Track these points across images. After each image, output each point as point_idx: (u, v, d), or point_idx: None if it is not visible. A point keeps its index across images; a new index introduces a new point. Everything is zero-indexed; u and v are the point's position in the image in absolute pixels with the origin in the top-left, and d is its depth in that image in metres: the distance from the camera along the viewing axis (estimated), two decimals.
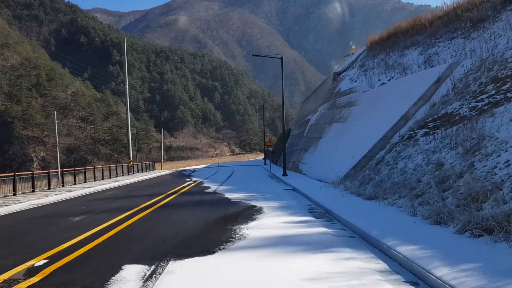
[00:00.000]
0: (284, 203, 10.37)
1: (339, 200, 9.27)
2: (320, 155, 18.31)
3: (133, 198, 13.36)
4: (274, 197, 11.94)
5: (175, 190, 15.68)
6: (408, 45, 19.21)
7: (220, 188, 15.95)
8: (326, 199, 9.64)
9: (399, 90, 13.77)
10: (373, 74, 19.11)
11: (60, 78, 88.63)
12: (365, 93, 16.61)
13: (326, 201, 9.20)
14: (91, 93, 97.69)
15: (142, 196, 13.64)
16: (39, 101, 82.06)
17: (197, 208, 10.06)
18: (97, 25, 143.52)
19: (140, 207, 10.23)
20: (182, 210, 9.86)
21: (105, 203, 12.07)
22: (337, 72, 24.11)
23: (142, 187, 18.35)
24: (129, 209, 9.92)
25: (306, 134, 23.59)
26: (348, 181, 11.87)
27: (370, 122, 14.06)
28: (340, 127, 17.17)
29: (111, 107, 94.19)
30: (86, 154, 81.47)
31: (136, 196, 14.17)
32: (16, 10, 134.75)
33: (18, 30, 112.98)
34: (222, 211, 9.23)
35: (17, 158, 76.49)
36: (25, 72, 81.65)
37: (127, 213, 9.16)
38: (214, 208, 9.95)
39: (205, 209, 9.76)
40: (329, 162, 15.72)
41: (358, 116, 15.65)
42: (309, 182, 15.61)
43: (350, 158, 13.26)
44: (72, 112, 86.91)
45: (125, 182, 21.74)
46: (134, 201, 12.02)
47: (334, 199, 9.46)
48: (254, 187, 15.98)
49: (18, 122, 75.11)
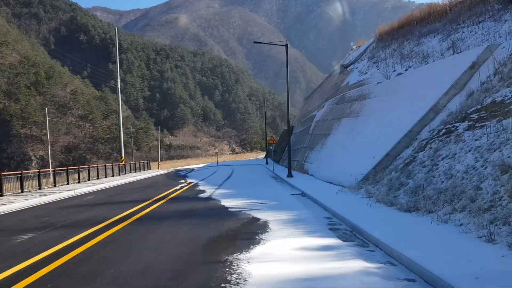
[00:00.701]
0: (295, 214, 8.30)
1: (367, 213, 7.33)
2: (329, 154, 16.38)
3: (111, 205, 11.31)
4: (281, 205, 9.90)
5: (164, 194, 13.58)
6: (425, 33, 17.51)
7: (216, 193, 13.81)
8: (349, 210, 7.71)
9: (423, 79, 11.87)
10: (386, 65, 17.35)
11: (59, 76, 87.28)
12: (380, 85, 14.75)
13: (350, 214, 7.23)
14: (90, 91, 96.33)
15: (123, 203, 11.60)
16: (37, 99, 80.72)
17: (183, 222, 7.96)
18: (96, 23, 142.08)
19: (114, 220, 8.28)
20: (164, 225, 7.72)
21: (75, 212, 10.04)
22: (344, 64, 22.31)
23: (128, 191, 16.24)
24: (99, 222, 8.03)
25: (311, 131, 21.60)
26: (369, 184, 10.01)
27: (390, 116, 12.20)
28: (352, 122, 15.31)
29: (110, 105, 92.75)
30: (85, 153, 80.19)
31: (116, 202, 12.12)
32: (15, 8, 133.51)
33: (18, 28, 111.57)
34: (216, 228, 7.16)
35: (16, 157, 75.20)
36: (24, 70, 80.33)
37: (93, 229, 7.19)
38: (206, 222, 7.89)
39: (193, 224, 7.71)
40: (341, 162, 13.92)
41: (373, 109, 13.85)
42: (319, 185, 13.67)
43: (367, 157, 11.45)
44: (71, 111, 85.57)
45: (113, 184, 19.75)
46: (111, 209, 10.04)
47: (359, 211, 7.59)
48: (256, 191, 13.84)
49: (17, 121, 73.86)
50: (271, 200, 10.72)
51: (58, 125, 76.86)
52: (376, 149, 11.33)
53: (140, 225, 7.70)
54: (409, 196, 7.31)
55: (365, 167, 11.12)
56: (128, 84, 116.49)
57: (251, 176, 22.19)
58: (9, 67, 79.60)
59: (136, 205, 10.56)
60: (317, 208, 9.25)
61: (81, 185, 18.17)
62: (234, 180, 19.63)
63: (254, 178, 20.57)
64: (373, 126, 13.11)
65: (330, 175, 14.21)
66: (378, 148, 11.27)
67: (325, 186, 13.12)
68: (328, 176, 14.46)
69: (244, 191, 14.00)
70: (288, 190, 13.61)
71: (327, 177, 14.55)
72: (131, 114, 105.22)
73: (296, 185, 14.07)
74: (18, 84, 76.88)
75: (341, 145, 14.97)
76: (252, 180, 19.25)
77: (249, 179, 19.97)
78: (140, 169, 34.05)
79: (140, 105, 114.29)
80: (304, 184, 14.21)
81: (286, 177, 17.74)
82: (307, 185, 13.53)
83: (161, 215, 9.08)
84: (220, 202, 10.92)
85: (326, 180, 14.47)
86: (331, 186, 12.79)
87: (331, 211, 8.24)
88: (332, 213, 8.15)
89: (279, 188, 14.64)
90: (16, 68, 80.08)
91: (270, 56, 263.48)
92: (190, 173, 29.93)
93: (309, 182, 14.75)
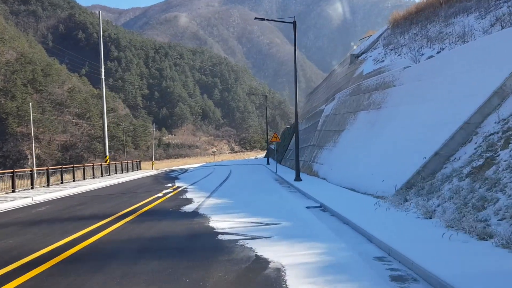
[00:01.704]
0: (324, 251, 5.29)
1: (453, 253, 4.53)
2: (344, 153, 14.10)
3: (57, 224, 8.36)
4: (296, 228, 6.85)
5: (139, 206, 10.65)
6: (453, 14, 16.19)
7: (206, 204, 10.59)
8: (416, 246, 4.91)
9: (474, 59, 9.50)
10: (409, 50, 16.18)
11: (56, 73, 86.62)
12: (407, 70, 12.56)
13: (427, 259, 4.31)
14: (88, 89, 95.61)
15: (75, 220, 8.73)
16: (34, 97, 79.95)
17: (136, 271, 4.72)
18: (95, 21, 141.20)
19: (28, 260, 5.40)
20: (99, 278, 4.51)
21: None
22: (355, 54, 21.09)
23: (97, 199, 13.32)
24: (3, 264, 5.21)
25: (320, 127, 19.43)
26: (416, 195, 7.62)
27: (428, 105, 9.97)
28: (372, 115, 13.03)
29: (108, 103, 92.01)
30: (82, 152, 79.56)
31: (67, 219, 9.03)
32: (13, 5, 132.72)
33: (15, 26, 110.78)
34: (190, 285, 4.14)
35: (12, 156, 74.53)
36: (21, 68, 79.61)
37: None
38: (177, 269, 4.71)
39: (153, 275, 4.51)
40: (363, 163, 11.68)
41: (401, 99, 11.69)
42: (339, 192, 11.03)
43: (401, 158, 9.42)
44: (68, 109, 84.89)
45: (87, 188, 17.15)
46: (49, 234, 7.21)
47: (436, 249, 4.73)
48: (258, 200, 10.98)
49: (13, 119, 73.17)
50: (281, 219, 7.76)
51: (55, 123, 76.21)
52: (414, 147, 9.13)
53: (61, 277, 4.58)
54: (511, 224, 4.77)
55: (403, 171, 8.80)
56: (127, 82, 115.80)
57: (251, 179, 19.27)
58: (6, 64, 78.86)
59: (90, 225, 7.86)
60: (353, 235, 6.27)
61: (48, 190, 15.78)
62: (230, 184, 16.66)
63: (255, 182, 17.62)
64: (403, 119, 10.88)
65: (350, 180, 11.84)
66: (417, 145, 9.02)
67: (347, 195, 10.44)
68: (347, 181, 12.07)
69: (243, 200, 11.08)
70: (300, 200, 10.77)
71: (346, 181, 12.17)
72: (130, 112, 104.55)
73: (309, 192, 11.30)
74: (14, 81, 76.20)
75: (361, 142, 12.88)
76: (253, 185, 16.28)
77: (249, 183, 17.01)
78: (128, 170, 30.99)
79: (138, 104, 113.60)
80: (319, 190, 11.54)
81: (293, 180, 15.13)
82: (323, 193, 10.85)
83: (111, 249, 5.96)
84: (208, 222, 7.82)
85: (345, 185, 12.05)
86: (356, 195, 10.23)
87: (385, 246, 5.17)
88: (386, 250, 5.14)
89: (287, 197, 11.67)
90: (13, 65, 79.35)
91: (270, 55, 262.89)
92: (182, 174, 26.94)
93: (324, 188, 12.17)
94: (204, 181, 19.28)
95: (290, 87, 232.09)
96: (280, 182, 16.76)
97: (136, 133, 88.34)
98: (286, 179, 16.80)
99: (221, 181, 18.21)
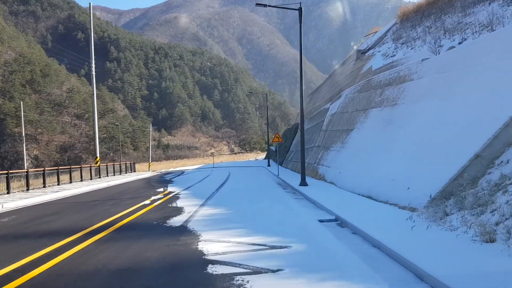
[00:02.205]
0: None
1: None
2: (355, 155, 12.88)
3: (2, 245, 6.65)
4: (311, 254, 5.35)
5: (118, 217, 9.05)
6: (473, 3, 15.42)
7: (198, 215, 8.97)
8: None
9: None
10: (423, 43, 15.33)
11: (55, 74, 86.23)
12: (426, 62, 11.37)
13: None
14: (87, 89, 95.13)
15: (33, 239, 7.03)
16: (32, 97, 79.52)
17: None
18: (94, 22, 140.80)
19: None
20: None
21: None
22: (361, 50, 20.24)
23: (75, 206, 11.79)
24: None
25: (325, 127, 18.28)
26: (459, 208, 6.29)
27: (459, 100, 8.71)
28: (386, 113, 11.82)
29: (107, 104, 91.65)
30: (81, 153, 78.99)
31: (23, 236, 7.39)
32: (12, 6, 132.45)
33: (15, 26, 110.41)
34: None
35: (9, 157, 73.93)
36: (19, 68, 79.21)
37: None
38: None
39: None
40: (381, 167, 10.25)
41: (421, 93, 10.50)
42: (354, 201, 9.49)
43: (429, 160, 8.15)
44: (67, 109, 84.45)
45: (70, 193, 15.64)
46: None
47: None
48: (260, 211, 9.51)
49: (11, 119, 72.65)
50: (290, 238, 6.25)
51: (53, 124, 75.75)
52: (446, 148, 7.87)
53: None
54: None
55: (434, 177, 7.46)
56: (126, 83, 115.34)
57: (252, 183, 17.72)
58: (4, 64, 78.43)
59: (46, 246, 6.21)
60: (392, 267, 4.67)
61: (26, 195, 14.26)
62: (228, 190, 15.07)
63: (256, 187, 16.05)
64: (426, 116, 9.61)
65: (365, 185, 10.39)
66: (450, 146, 7.74)
67: (365, 204, 8.93)
68: (361, 186, 10.60)
69: (242, 211, 9.49)
70: (310, 210, 9.16)
71: (360, 187, 10.69)
72: (129, 113, 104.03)
73: (319, 201, 9.73)
74: (12, 82, 75.79)
75: (376, 143, 11.60)
76: (253, 190, 14.68)
77: (249, 188, 15.38)
78: (122, 172, 28.97)
79: (137, 104, 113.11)
80: (329, 198, 9.96)
81: (298, 185, 13.70)
82: (335, 202, 9.31)
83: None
84: (196, 243, 6.22)
85: (359, 192, 10.60)
86: (375, 204, 8.77)
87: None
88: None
89: (294, 206, 10.04)
90: (11, 65, 78.95)
91: (270, 56, 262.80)
92: (178, 177, 25.29)
93: (335, 196, 10.61)
94: (200, 185, 17.90)
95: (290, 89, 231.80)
96: (284, 187, 15.29)
97: (135, 134, 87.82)
98: (290, 183, 15.45)
99: (218, 186, 16.73)
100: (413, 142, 9.51)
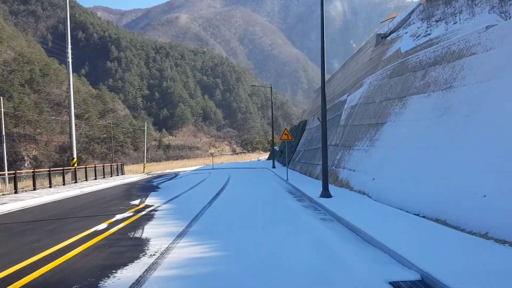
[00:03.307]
0: None
1: None
2: (396, 156, 9.67)
3: None
4: None
5: (31, 262, 5.15)
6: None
7: (166, 263, 4.93)
8: None
9: None
10: (469, 15, 12.11)
11: (54, 74, 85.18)
12: (494, 30, 8.03)
13: None
14: (87, 89, 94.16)
15: None
16: (32, 97, 78.52)
17: None
18: (95, 21, 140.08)
19: None
20: None
21: None
22: (381, 34, 18.38)
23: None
24: None
25: (344, 121, 15.19)
26: None
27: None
28: (437, 99, 8.83)
29: (107, 104, 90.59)
30: (81, 153, 77.80)
31: None
32: (13, 5, 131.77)
33: (15, 26, 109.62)
34: None
35: (8, 157, 73.03)
36: (18, 67, 78.24)
37: None
38: None
39: None
40: (446, 173, 7.11)
41: (497, 68, 7.28)
42: (431, 233, 5.60)
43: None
44: (66, 109, 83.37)
45: (12, 207, 11.53)
46: None
47: None
48: (277, 254, 5.26)
49: (9, 119, 71.64)
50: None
51: (52, 124, 74.68)
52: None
53: None
54: None
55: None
56: (127, 82, 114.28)
57: (257, 193, 13.54)
58: (3, 64, 77.44)
59: None
60: None
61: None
62: (226, 203, 11.07)
63: (262, 198, 11.97)
64: (508, 98, 6.56)
65: (422, 200, 7.36)
66: None
67: (453, 240, 5.15)
68: (416, 201, 7.55)
69: (245, 251, 5.47)
70: (356, 249, 5.31)
71: (413, 201, 7.62)
72: (129, 113, 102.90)
73: (364, 229, 6.03)
74: (11, 81, 74.81)
75: (426, 139, 8.56)
76: (260, 204, 10.56)
77: (254, 201, 11.32)
78: (106, 175, 25.22)
79: (138, 104, 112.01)
80: (378, 223, 6.42)
81: (318, 196, 10.28)
82: (392, 232, 5.71)
83: None
84: None
85: (414, 209, 7.43)
86: (471, 240, 5.07)
87: None
88: None
89: (326, 238, 6.07)
90: (10, 65, 77.98)
91: (272, 56, 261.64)
92: (168, 181, 21.63)
93: (384, 218, 6.95)
94: (189, 194, 14.22)
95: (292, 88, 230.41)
96: (299, 198, 11.43)
97: (135, 134, 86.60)
98: (305, 192, 12.00)
99: (212, 196, 12.95)
100: (496, 136, 6.44)
